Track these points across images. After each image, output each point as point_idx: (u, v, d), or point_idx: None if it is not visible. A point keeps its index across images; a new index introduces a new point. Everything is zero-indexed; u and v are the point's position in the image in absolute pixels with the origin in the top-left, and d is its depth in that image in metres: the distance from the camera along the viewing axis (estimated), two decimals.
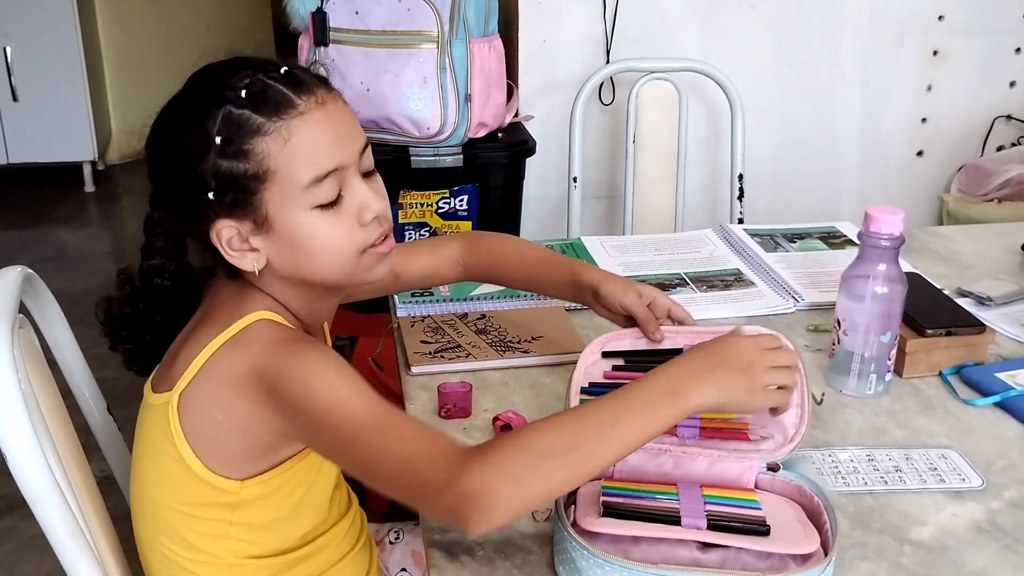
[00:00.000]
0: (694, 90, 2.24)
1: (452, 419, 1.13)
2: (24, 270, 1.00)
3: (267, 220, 0.91)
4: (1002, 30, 2.50)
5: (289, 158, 0.89)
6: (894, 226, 1.13)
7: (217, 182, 0.89)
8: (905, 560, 0.91)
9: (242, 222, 0.91)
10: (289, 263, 0.94)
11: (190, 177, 0.90)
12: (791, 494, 0.94)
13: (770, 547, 0.86)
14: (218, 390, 0.92)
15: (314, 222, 0.91)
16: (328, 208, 0.92)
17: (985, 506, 0.99)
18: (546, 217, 2.44)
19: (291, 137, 0.89)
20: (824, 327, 1.35)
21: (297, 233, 0.92)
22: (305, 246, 0.92)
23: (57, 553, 0.89)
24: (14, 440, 0.83)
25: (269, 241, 0.92)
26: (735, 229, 1.68)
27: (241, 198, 0.90)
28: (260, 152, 0.88)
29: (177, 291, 1.00)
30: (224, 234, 0.92)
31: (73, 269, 3.49)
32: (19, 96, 3.95)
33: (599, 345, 1.06)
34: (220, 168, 0.89)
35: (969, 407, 1.17)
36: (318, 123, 0.91)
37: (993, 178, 2.45)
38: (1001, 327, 1.34)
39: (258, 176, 0.89)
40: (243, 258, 0.93)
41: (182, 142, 0.91)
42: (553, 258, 1.24)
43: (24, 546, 2.12)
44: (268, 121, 0.89)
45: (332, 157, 0.91)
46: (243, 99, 0.89)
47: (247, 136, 0.88)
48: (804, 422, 0.98)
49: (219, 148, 0.88)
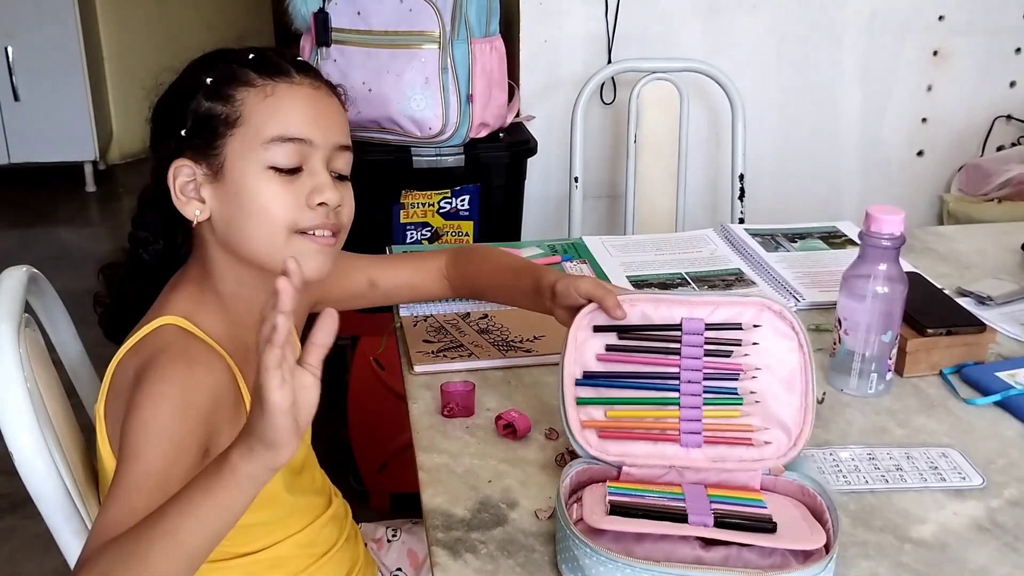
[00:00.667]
0: (695, 90, 2.24)
1: (455, 418, 1.14)
2: (29, 269, 1.01)
3: (222, 168, 0.94)
4: (1002, 30, 2.50)
5: (263, 111, 0.93)
6: (895, 226, 1.14)
7: (193, 120, 0.94)
8: (906, 558, 0.91)
9: (200, 165, 0.94)
10: (227, 221, 0.95)
11: (172, 115, 0.95)
12: (794, 494, 0.95)
13: (778, 543, 0.86)
14: (118, 397, 0.92)
15: (263, 181, 0.94)
16: (282, 174, 0.94)
17: (985, 504, 0.99)
18: (548, 217, 2.44)
19: (272, 95, 0.94)
20: (825, 327, 1.35)
21: (243, 186, 0.94)
22: (245, 204, 0.94)
23: (62, 550, 0.89)
24: (20, 438, 0.84)
25: (218, 192, 0.95)
26: (736, 229, 1.68)
27: (208, 139, 0.94)
28: (239, 99, 0.93)
29: (156, 269, 1.02)
30: (180, 175, 0.95)
31: (74, 269, 3.48)
32: (20, 96, 3.96)
33: (588, 318, 1.02)
34: (200, 107, 0.94)
35: (969, 406, 1.17)
36: (304, 96, 0.95)
37: (993, 178, 2.45)
38: (1001, 326, 1.34)
39: (229, 120, 0.93)
40: (188, 204, 0.95)
41: (177, 83, 0.98)
42: (521, 266, 1.20)
43: (27, 545, 2.12)
44: (259, 77, 0.94)
45: (302, 128, 0.94)
46: (247, 60, 0.95)
47: (235, 84, 0.94)
48: (808, 424, 0.98)
49: (207, 89, 0.94)
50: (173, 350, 0.91)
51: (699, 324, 1.01)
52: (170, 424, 0.85)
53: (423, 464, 1.06)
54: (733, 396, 1.00)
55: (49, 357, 1.06)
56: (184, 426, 0.86)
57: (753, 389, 1.00)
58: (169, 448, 0.84)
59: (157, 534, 0.74)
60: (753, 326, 1.00)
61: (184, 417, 0.86)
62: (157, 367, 0.88)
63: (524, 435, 1.10)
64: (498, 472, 1.04)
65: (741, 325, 1.01)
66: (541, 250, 1.57)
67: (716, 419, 1.00)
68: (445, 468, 1.05)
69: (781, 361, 1.00)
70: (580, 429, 0.99)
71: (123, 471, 0.83)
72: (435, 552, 0.92)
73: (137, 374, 0.89)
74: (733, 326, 1.01)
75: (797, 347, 1.00)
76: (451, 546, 0.92)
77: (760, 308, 1.00)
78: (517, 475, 1.03)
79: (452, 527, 0.95)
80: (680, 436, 0.99)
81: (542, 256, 1.54)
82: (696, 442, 0.99)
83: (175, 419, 0.86)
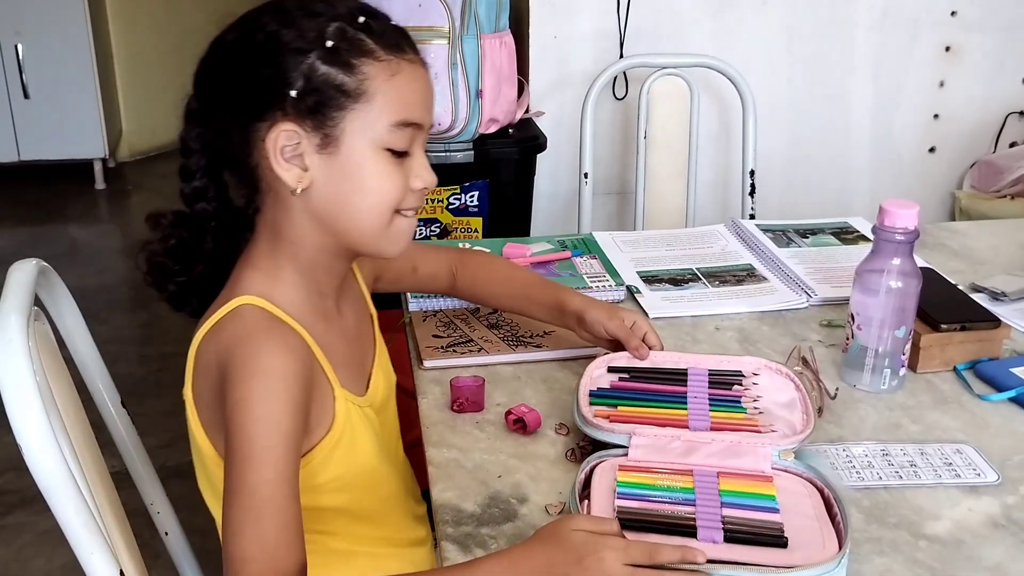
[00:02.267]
0: (705, 86, 2.23)
1: (464, 413, 1.13)
2: (39, 263, 1.00)
3: (337, 141, 0.89)
4: (1015, 26, 2.49)
5: (390, 91, 0.89)
6: (909, 220, 1.13)
7: (306, 81, 0.87)
8: (920, 555, 0.91)
9: (310, 133, 0.89)
10: (332, 195, 0.91)
11: (273, 68, 0.88)
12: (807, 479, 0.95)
13: (788, 560, 0.83)
14: (202, 380, 0.92)
15: (379, 162, 0.91)
16: (394, 156, 0.92)
17: (1000, 501, 0.98)
18: (557, 213, 2.44)
19: (397, 73, 0.90)
20: (837, 322, 1.34)
21: (361, 164, 0.90)
22: (360, 182, 0.91)
23: (72, 545, 0.89)
24: (30, 431, 0.83)
25: (326, 163, 0.90)
26: (747, 224, 1.67)
27: (325, 107, 0.88)
28: (365, 73, 0.88)
29: (223, 214, 0.98)
30: (281, 139, 0.89)
31: (84, 266, 3.50)
32: (31, 93, 3.97)
33: (604, 361, 1.14)
34: (316, 70, 0.87)
35: (983, 402, 1.16)
36: (420, 78, 0.93)
37: (1006, 174, 2.44)
38: (1015, 322, 1.33)
39: (352, 94, 0.88)
40: (289, 171, 0.90)
41: (277, 34, 0.88)
42: (539, 281, 1.26)
43: (37, 540, 2.12)
44: (380, 50, 0.89)
45: (420, 112, 0.93)
46: (359, 23, 0.89)
47: (357, 53, 0.88)
48: (811, 422, 1.02)
49: (324, 51, 0.87)
50: (259, 336, 0.89)
51: (703, 369, 1.12)
52: (285, 419, 0.85)
53: (433, 459, 1.05)
54: (737, 405, 1.07)
55: (59, 351, 1.06)
56: (295, 420, 0.86)
57: (756, 407, 1.07)
58: (286, 446, 0.84)
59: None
60: (752, 373, 1.12)
61: (293, 410, 0.86)
62: (251, 359, 0.86)
63: (534, 430, 1.09)
64: (508, 467, 1.03)
65: (742, 372, 1.12)
66: (551, 245, 1.57)
67: (721, 417, 1.05)
68: (455, 463, 1.04)
69: (780, 390, 1.09)
70: (592, 416, 1.03)
71: (250, 474, 0.82)
72: (445, 547, 0.91)
73: (222, 360, 0.88)
74: (734, 372, 1.12)
75: (794, 388, 1.09)
76: (461, 541, 0.92)
77: (759, 365, 1.13)
78: (527, 470, 1.03)
79: (462, 522, 0.95)
80: (688, 422, 1.04)
81: (552, 251, 1.54)
82: (704, 427, 1.02)
83: (287, 413, 0.85)
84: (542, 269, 1.48)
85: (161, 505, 1.17)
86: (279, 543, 0.81)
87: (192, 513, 2.37)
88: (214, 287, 0.97)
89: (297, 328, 0.93)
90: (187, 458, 1.01)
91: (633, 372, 1.13)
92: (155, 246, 0.97)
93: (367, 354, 1.08)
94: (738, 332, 1.33)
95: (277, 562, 0.80)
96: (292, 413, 0.86)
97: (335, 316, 1.02)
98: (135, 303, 3.33)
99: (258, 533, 0.81)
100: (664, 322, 1.35)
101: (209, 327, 0.92)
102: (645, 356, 1.13)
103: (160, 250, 0.97)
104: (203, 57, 0.94)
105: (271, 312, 0.92)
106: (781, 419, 1.04)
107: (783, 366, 1.12)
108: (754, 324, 1.36)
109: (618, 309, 1.19)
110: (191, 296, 1.00)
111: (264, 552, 0.80)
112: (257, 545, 0.80)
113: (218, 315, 0.92)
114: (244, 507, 0.81)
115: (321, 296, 0.99)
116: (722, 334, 1.33)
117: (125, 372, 2.70)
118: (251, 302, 0.92)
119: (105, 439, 1.13)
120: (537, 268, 1.48)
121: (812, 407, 1.05)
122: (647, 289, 1.44)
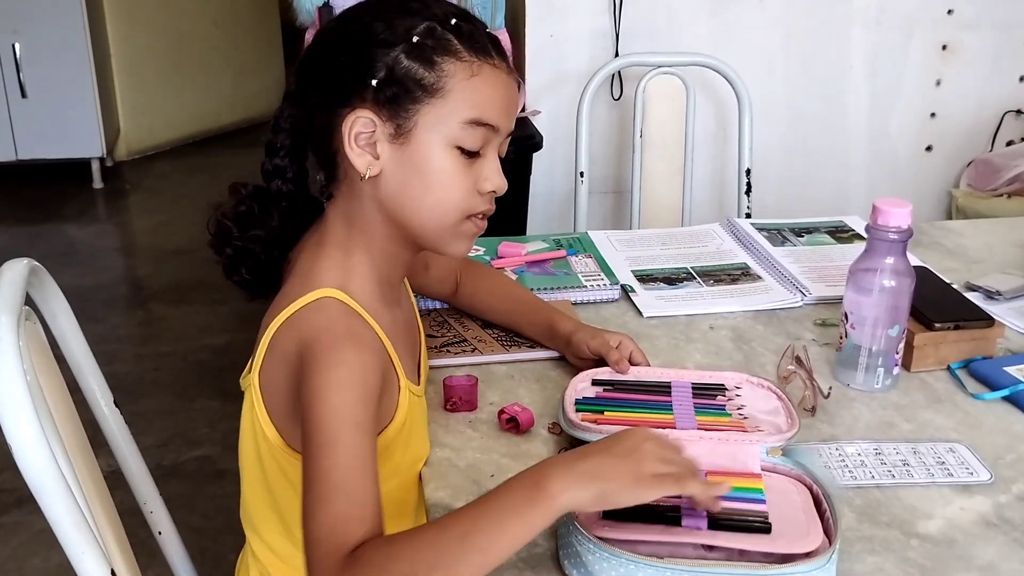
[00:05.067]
0: (702, 84, 2.23)
1: (458, 412, 1.13)
2: (30, 262, 1.00)
3: (409, 133, 0.92)
4: (1011, 24, 2.49)
5: (466, 89, 0.91)
6: (902, 219, 1.13)
7: (388, 72, 0.91)
8: (912, 554, 0.91)
9: (385, 122, 0.92)
10: (399, 186, 0.94)
11: (360, 58, 0.92)
12: (797, 479, 0.95)
13: (773, 546, 0.84)
14: (277, 367, 0.93)
15: (448, 159, 0.93)
16: (464, 155, 0.93)
17: (993, 500, 0.98)
18: (553, 212, 2.44)
19: (478, 75, 0.92)
20: (832, 321, 1.34)
21: (429, 159, 0.93)
22: (427, 176, 0.93)
23: (62, 544, 0.89)
24: (19, 430, 0.83)
25: (397, 154, 0.93)
26: (742, 223, 1.67)
27: (402, 99, 0.91)
28: (446, 70, 0.91)
29: (296, 197, 1.00)
30: (357, 125, 0.92)
31: (82, 265, 3.50)
32: (28, 93, 3.97)
33: (588, 375, 1.15)
34: (399, 63, 0.91)
35: (977, 401, 1.16)
36: (502, 83, 0.94)
37: (1002, 173, 2.44)
38: (1010, 321, 1.33)
39: (429, 89, 0.91)
40: (361, 156, 0.93)
41: (370, 26, 0.92)
42: (534, 301, 1.29)
43: (33, 540, 2.12)
44: (465, 51, 0.92)
45: (496, 115, 0.94)
46: (449, 24, 0.92)
47: (441, 51, 0.91)
48: (796, 421, 1.03)
49: (410, 47, 0.91)
50: (338, 330, 0.91)
51: (686, 382, 1.13)
52: (358, 408, 0.86)
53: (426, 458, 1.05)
54: (722, 411, 1.08)
55: (50, 351, 1.06)
56: (367, 410, 0.87)
57: (741, 413, 1.08)
58: (360, 434, 0.85)
59: (468, 550, 0.76)
60: (735, 387, 1.12)
61: (366, 401, 0.87)
62: (330, 351, 0.88)
63: (527, 429, 1.09)
64: (500, 466, 1.03)
65: (724, 385, 1.12)
66: (546, 244, 1.56)
67: (708, 420, 1.06)
68: (448, 462, 1.04)
69: (763, 400, 1.10)
70: (578, 420, 1.04)
71: (322, 460, 0.83)
72: None
73: (301, 350, 0.89)
74: (717, 385, 1.13)
75: (776, 398, 1.10)
76: None
77: (741, 379, 1.13)
78: (520, 469, 1.01)
79: None
80: (675, 421, 1.05)
81: (547, 250, 1.54)
82: (691, 427, 1.04)
83: (360, 403, 0.86)
84: (537, 268, 1.48)
85: (155, 504, 1.17)
86: (349, 519, 0.80)
87: (189, 512, 2.37)
88: (268, 264, 1.01)
89: (371, 322, 0.95)
90: (184, 457, 1.01)
91: (617, 384, 1.14)
92: (226, 210, 1.01)
93: (417, 342, 1.11)
94: (732, 331, 1.33)
95: (346, 537, 0.79)
96: (365, 403, 0.87)
97: (397, 306, 1.04)
98: (132, 302, 3.33)
99: (328, 514, 0.81)
100: (658, 321, 1.35)
101: (288, 316, 0.93)
102: (626, 370, 1.15)
103: (229, 214, 1.00)
104: (309, 44, 0.99)
105: (350, 306, 0.94)
106: (767, 422, 1.05)
107: (765, 379, 1.12)
108: (748, 323, 1.36)
109: (604, 331, 1.21)
110: (242, 266, 1.02)
111: (333, 532, 0.80)
112: (327, 526, 0.80)
113: (297, 304, 0.93)
114: (316, 493, 0.82)
115: (390, 286, 1.02)
116: (716, 333, 1.33)
117: (122, 371, 2.70)
118: (331, 295, 0.94)
119: (100, 439, 1.13)
120: (532, 267, 1.48)
121: (797, 414, 1.05)
122: (641, 288, 1.44)
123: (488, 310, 1.30)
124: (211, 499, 2.20)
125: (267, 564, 1.05)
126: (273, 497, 1.01)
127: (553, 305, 1.29)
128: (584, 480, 0.78)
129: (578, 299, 1.40)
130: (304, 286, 0.94)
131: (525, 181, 2.18)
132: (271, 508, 1.02)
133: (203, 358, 2.85)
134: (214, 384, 2.68)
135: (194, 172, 4.39)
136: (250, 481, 1.03)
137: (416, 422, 1.03)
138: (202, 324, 3.07)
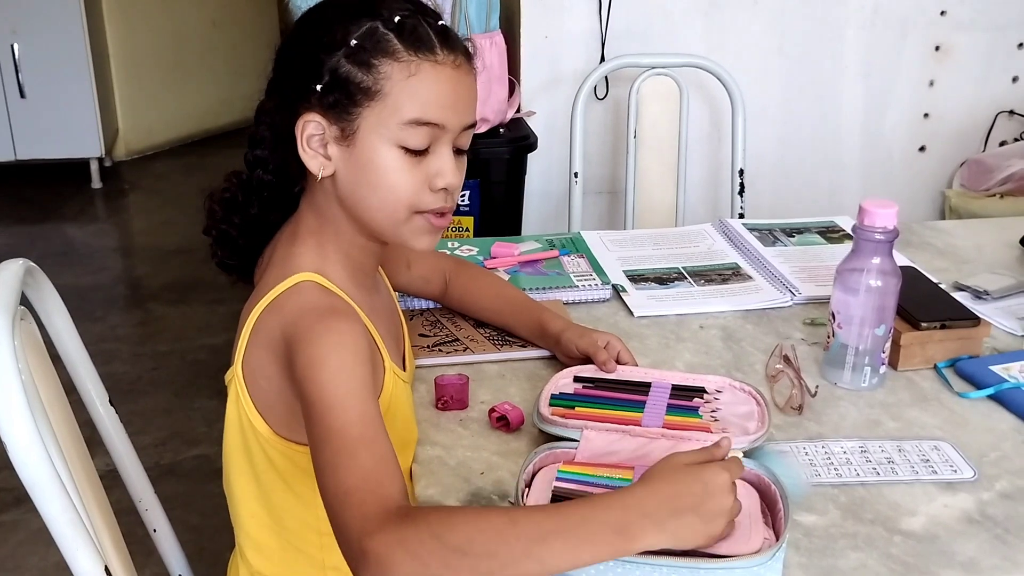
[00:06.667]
0: (695, 85, 2.24)
1: (449, 411, 1.14)
2: (25, 262, 1.01)
3: (354, 135, 0.94)
4: (1004, 25, 2.50)
5: (404, 90, 0.93)
6: (888, 219, 1.14)
7: (330, 78, 0.93)
8: (895, 550, 0.92)
9: (331, 125, 0.94)
10: (350, 186, 0.96)
11: (310, 63, 0.94)
12: (751, 480, 0.93)
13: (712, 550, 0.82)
14: (262, 354, 0.94)
15: (392, 159, 0.94)
16: (410, 154, 0.95)
17: (976, 497, 1.00)
18: (548, 213, 2.45)
19: (416, 74, 0.93)
20: (820, 320, 1.35)
21: (372, 160, 0.94)
22: (372, 177, 0.95)
23: (57, 542, 0.90)
24: (14, 429, 0.84)
25: (345, 155, 0.95)
26: (734, 224, 1.69)
27: (343, 104, 0.93)
28: (383, 73, 0.92)
29: (276, 188, 1.02)
30: (308, 128, 0.95)
31: (80, 265, 3.51)
32: (27, 93, 3.97)
33: (571, 372, 1.16)
34: (340, 68, 0.93)
35: (963, 400, 1.17)
36: (445, 79, 0.94)
37: (995, 173, 2.45)
38: (997, 320, 1.35)
39: (368, 92, 0.93)
40: (313, 159, 0.96)
41: (319, 32, 0.95)
42: (525, 300, 1.31)
43: (31, 538, 2.13)
44: (404, 51, 0.93)
45: (439, 113, 0.94)
46: (393, 23, 0.93)
47: (379, 53, 0.92)
48: (766, 426, 1.05)
49: (349, 50, 0.92)
50: (321, 307, 0.92)
51: (667, 383, 1.14)
52: (359, 368, 0.87)
53: (416, 456, 1.06)
54: (693, 412, 1.10)
55: (46, 351, 1.07)
56: (367, 371, 0.88)
57: (713, 416, 1.09)
58: (367, 393, 0.86)
59: (528, 556, 0.74)
60: (716, 391, 1.13)
61: (364, 363, 0.88)
62: (317, 323, 0.89)
63: (517, 427, 1.10)
64: (491, 464, 1.05)
65: (705, 388, 1.13)
66: (540, 244, 1.58)
67: (675, 421, 1.07)
68: (438, 460, 1.06)
69: (741, 404, 1.11)
70: (548, 414, 1.06)
71: (334, 421, 0.82)
72: None
73: (286, 332, 0.90)
74: (698, 388, 1.13)
75: (755, 403, 1.11)
76: None
77: (723, 383, 1.14)
78: (510, 467, 1.04)
79: None
80: (641, 418, 1.07)
81: (540, 250, 1.55)
82: (656, 425, 1.05)
83: (360, 364, 0.87)
84: (529, 268, 1.49)
85: (150, 502, 1.18)
86: (379, 472, 0.79)
87: (187, 511, 2.38)
88: (247, 249, 1.05)
89: (350, 303, 0.97)
90: (181, 456, 1.02)
91: (598, 381, 1.15)
92: (214, 193, 1.05)
93: (400, 330, 1.13)
94: (722, 330, 1.35)
95: (380, 488, 0.78)
96: (363, 364, 0.88)
97: (375, 292, 1.07)
98: (131, 302, 3.34)
99: (356, 465, 0.80)
100: (649, 321, 1.37)
101: (268, 302, 0.95)
102: (612, 370, 1.16)
103: (216, 197, 1.04)
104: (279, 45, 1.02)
105: (329, 288, 0.96)
106: (736, 425, 1.06)
107: (747, 384, 1.13)
108: (738, 322, 1.37)
109: (594, 331, 1.22)
110: (224, 248, 1.05)
111: (365, 482, 0.78)
112: (357, 475, 0.79)
113: (277, 290, 0.95)
114: (336, 448, 0.81)
115: (364, 274, 1.04)
116: (706, 332, 1.34)
117: (120, 371, 2.71)
118: (310, 279, 0.96)
119: (97, 438, 1.14)
120: (525, 267, 1.49)
121: (769, 419, 1.06)
122: (633, 288, 1.46)
123: (479, 310, 1.32)
124: (209, 498, 2.20)
125: (255, 564, 1.06)
126: (262, 491, 1.02)
127: (544, 305, 1.30)
128: (668, 540, 0.77)
129: (570, 299, 1.41)
130: (282, 273, 0.97)
131: (520, 181, 2.19)
132: (260, 504, 1.03)
133: (201, 358, 2.86)
134: (212, 383, 2.68)
135: (193, 172, 4.40)
136: (237, 478, 1.04)
137: (401, 406, 1.04)
138: (200, 324, 3.08)
